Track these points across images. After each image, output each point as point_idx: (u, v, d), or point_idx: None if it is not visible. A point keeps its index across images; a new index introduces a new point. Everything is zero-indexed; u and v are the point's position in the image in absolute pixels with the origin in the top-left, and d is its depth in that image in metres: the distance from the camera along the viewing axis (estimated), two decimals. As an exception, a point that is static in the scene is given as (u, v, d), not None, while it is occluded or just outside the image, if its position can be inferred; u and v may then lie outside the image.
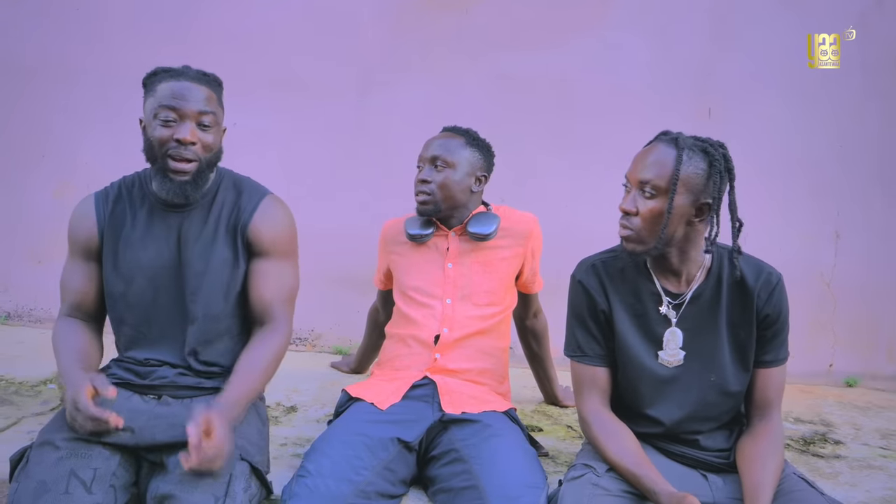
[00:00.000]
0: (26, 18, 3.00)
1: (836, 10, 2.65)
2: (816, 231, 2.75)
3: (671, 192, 1.40)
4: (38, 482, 1.37)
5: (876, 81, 2.69)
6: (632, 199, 1.45)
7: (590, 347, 1.57)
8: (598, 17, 2.76)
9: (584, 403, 1.57)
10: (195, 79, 1.59)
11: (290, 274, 1.72)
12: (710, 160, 1.44)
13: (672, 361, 1.52)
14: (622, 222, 1.47)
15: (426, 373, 1.81)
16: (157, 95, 1.57)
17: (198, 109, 1.56)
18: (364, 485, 1.49)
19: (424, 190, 1.90)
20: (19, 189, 3.05)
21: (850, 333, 2.76)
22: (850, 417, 2.37)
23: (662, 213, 1.42)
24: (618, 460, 1.44)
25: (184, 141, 1.54)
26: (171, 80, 1.57)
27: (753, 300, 1.50)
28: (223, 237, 1.65)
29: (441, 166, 1.90)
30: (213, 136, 1.60)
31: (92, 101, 2.96)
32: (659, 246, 1.45)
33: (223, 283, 1.64)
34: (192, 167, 1.57)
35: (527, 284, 2.02)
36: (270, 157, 2.88)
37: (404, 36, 2.84)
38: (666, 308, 1.52)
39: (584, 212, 2.74)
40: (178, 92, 1.55)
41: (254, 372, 1.58)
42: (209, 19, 2.90)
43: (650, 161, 1.44)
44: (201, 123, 1.57)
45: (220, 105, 1.64)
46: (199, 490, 1.37)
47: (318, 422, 2.10)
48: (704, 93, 2.74)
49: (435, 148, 1.92)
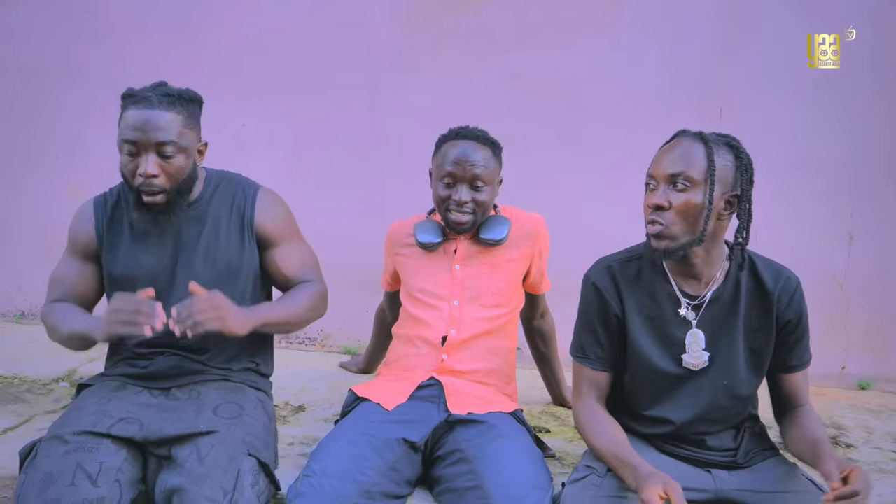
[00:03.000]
0: (39, 21, 3.04)
1: (848, 10, 2.62)
2: (829, 232, 2.73)
3: (710, 183, 1.39)
4: (44, 474, 1.39)
5: (889, 82, 2.66)
6: (662, 193, 1.42)
7: (593, 350, 1.56)
8: (607, 18, 2.75)
9: (579, 401, 1.57)
10: (158, 104, 1.57)
11: (303, 249, 1.82)
12: (735, 153, 1.44)
13: (697, 364, 1.50)
14: (652, 218, 1.43)
15: (433, 373, 1.81)
16: (121, 125, 1.59)
17: (156, 140, 1.56)
18: (369, 485, 1.50)
19: (466, 211, 1.83)
20: (33, 189, 3.09)
21: (863, 336, 2.73)
22: (863, 420, 2.35)
23: (696, 205, 1.40)
24: (600, 445, 1.45)
25: (146, 175, 1.56)
26: (133, 107, 1.57)
27: (773, 305, 1.49)
28: (226, 237, 1.71)
29: (481, 186, 1.84)
30: (178, 162, 1.60)
31: (104, 101, 2.96)
32: (693, 241, 1.42)
33: (231, 276, 1.69)
34: (162, 198, 1.60)
35: (534, 285, 2.02)
36: (280, 157, 2.90)
37: (413, 37, 2.85)
38: (685, 310, 1.51)
39: (592, 213, 2.73)
40: (138, 123, 1.55)
41: (285, 301, 1.71)
42: (218, 20, 2.92)
43: (678, 154, 1.42)
44: (163, 154, 1.57)
45: (188, 125, 1.61)
46: (208, 484, 1.38)
47: (325, 421, 2.11)
48: (715, 93, 2.72)
49: (474, 167, 1.81)
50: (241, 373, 1.75)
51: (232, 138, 2.84)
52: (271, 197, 1.79)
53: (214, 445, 1.46)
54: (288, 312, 1.69)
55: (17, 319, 3.11)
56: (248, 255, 1.73)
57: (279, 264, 1.76)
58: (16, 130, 3.09)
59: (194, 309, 1.48)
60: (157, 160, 1.56)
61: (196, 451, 1.44)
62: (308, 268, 1.79)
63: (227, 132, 2.78)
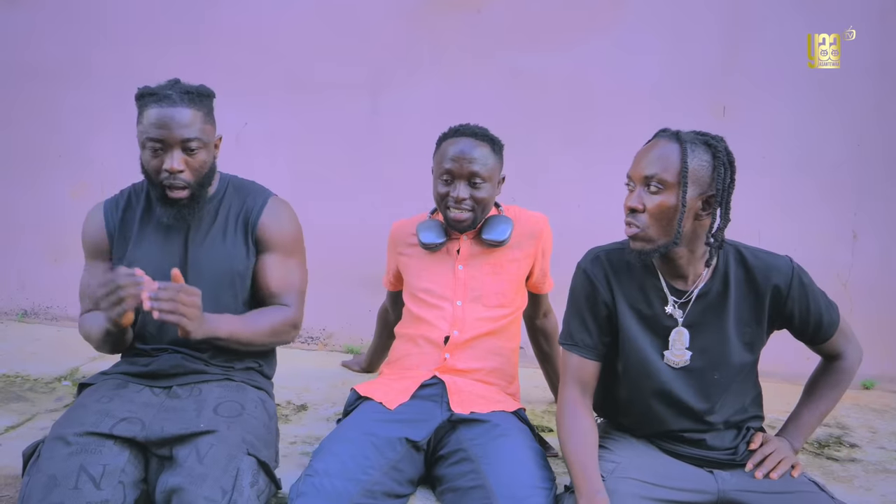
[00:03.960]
0: (44, 22, 3.04)
1: (852, 9, 2.61)
2: (833, 231, 2.72)
3: (683, 185, 1.39)
4: (48, 477, 1.38)
5: (894, 80, 2.65)
6: (637, 195, 1.44)
7: (580, 338, 1.56)
8: (611, 16, 2.75)
9: (564, 391, 1.57)
10: (179, 101, 1.61)
11: (296, 270, 1.79)
12: (713, 152, 1.43)
13: (678, 362, 1.51)
14: (628, 220, 1.46)
15: (435, 372, 1.81)
16: (143, 123, 1.62)
17: (181, 137, 1.60)
18: (371, 484, 1.49)
19: (464, 208, 1.83)
20: (36, 188, 3.09)
21: (867, 335, 2.66)
22: (866, 420, 2.34)
23: (669, 208, 1.40)
24: (569, 445, 1.46)
25: (172, 171, 1.60)
26: (155, 105, 1.61)
27: (766, 299, 1.48)
28: (232, 237, 1.72)
29: (479, 183, 1.83)
30: (201, 156, 1.65)
31: (108, 102, 2.99)
32: (669, 243, 1.43)
33: (232, 280, 1.70)
34: (186, 193, 1.64)
35: (537, 285, 2.01)
36: (282, 156, 2.90)
37: (417, 36, 2.84)
38: (672, 307, 1.51)
39: (596, 212, 2.72)
40: (162, 121, 1.59)
41: (247, 319, 1.67)
42: (222, 20, 2.92)
43: (654, 156, 1.43)
44: (187, 149, 1.61)
45: (207, 121, 1.67)
46: (207, 484, 1.38)
47: (328, 420, 2.11)
48: (719, 92, 2.71)
49: (470, 163, 1.81)
50: (242, 372, 1.75)
51: (234, 137, 2.85)
52: (281, 205, 1.79)
53: (214, 445, 1.45)
54: (248, 333, 1.66)
55: (20, 318, 3.12)
56: (252, 256, 1.74)
57: (266, 273, 1.74)
58: (21, 131, 3.10)
59: (168, 295, 1.47)
60: (182, 156, 1.61)
61: (195, 450, 1.44)
62: (291, 291, 1.75)
63: (230, 131, 2.78)
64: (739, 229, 1.53)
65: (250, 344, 1.68)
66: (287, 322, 1.72)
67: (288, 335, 1.75)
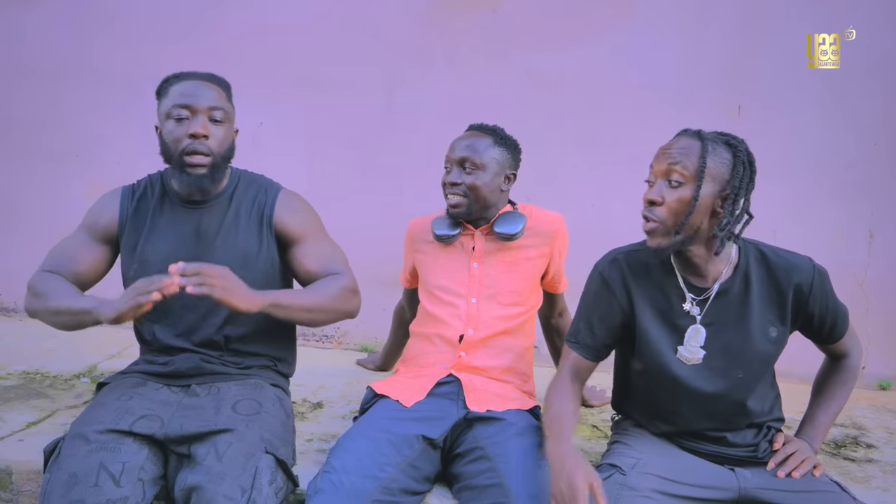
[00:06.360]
0: (58, 22, 3.07)
1: (866, 7, 2.60)
2: (849, 231, 2.70)
3: (699, 179, 1.40)
4: (69, 474, 1.40)
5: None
6: (657, 189, 1.44)
7: (583, 338, 1.61)
8: (625, 15, 2.74)
9: (559, 374, 1.63)
10: (204, 78, 1.69)
11: (329, 246, 1.80)
12: (733, 151, 1.44)
13: (691, 359, 1.51)
14: (645, 214, 1.46)
15: (451, 370, 1.82)
16: (169, 97, 1.66)
17: (208, 105, 1.65)
18: (388, 481, 1.50)
19: (456, 192, 1.87)
20: (53, 188, 3.12)
21: (884, 335, 2.70)
22: (883, 421, 2.33)
23: (689, 202, 1.41)
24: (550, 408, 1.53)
25: (197, 134, 1.62)
26: (181, 81, 1.67)
27: (788, 298, 1.48)
28: (245, 229, 1.73)
29: (470, 168, 1.86)
30: (224, 130, 1.68)
31: (122, 101, 3.02)
32: (683, 238, 1.43)
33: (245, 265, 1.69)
34: (208, 161, 1.65)
35: (552, 284, 2.02)
36: (296, 155, 2.91)
37: (430, 35, 2.85)
38: (690, 305, 1.51)
39: (610, 211, 2.72)
40: (189, 90, 1.65)
41: (302, 290, 1.70)
42: (235, 19, 2.94)
43: (675, 151, 1.44)
44: (213, 118, 1.66)
45: (230, 103, 1.72)
46: (226, 482, 1.39)
47: (343, 418, 2.12)
48: (734, 91, 2.70)
49: (463, 149, 1.87)
50: (260, 370, 1.76)
51: (249, 136, 2.86)
52: (292, 197, 1.81)
53: (232, 444, 1.46)
54: (305, 298, 1.65)
55: (38, 316, 3.15)
56: (265, 248, 1.74)
57: (302, 261, 1.75)
58: (33, 130, 3.13)
59: (204, 269, 1.47)
60: (206, 123, 1.64)
61: (214, 449, 1.45)
62: (333, 261, 1.75)
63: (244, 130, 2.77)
64: (755, 228, 1.52)
65: (317, 311, 1.65)
66: (344, 287, 1.70)
67: (350, 300, 1.71)
